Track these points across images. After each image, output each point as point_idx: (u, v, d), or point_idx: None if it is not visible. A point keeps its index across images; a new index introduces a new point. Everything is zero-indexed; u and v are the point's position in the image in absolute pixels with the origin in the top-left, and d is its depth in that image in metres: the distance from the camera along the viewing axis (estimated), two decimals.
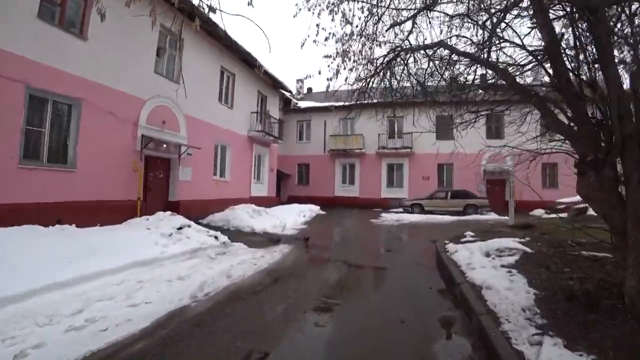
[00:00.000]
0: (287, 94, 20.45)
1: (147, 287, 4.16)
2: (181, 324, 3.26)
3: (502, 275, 4.06)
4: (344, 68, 6.45)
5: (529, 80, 5.14)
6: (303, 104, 23.50)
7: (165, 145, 9.80)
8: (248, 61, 14.16)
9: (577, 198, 15.56)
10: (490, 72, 4.74)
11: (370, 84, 6.49)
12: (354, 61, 6.52)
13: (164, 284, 4.33)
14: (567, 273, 3.88)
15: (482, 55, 4.08)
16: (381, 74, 6.36)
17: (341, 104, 7.76)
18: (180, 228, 6.50)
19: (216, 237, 6.61)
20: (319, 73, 6.20)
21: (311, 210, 14.82)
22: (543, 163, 5.26)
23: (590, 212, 11.20)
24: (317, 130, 22.75)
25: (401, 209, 17.37)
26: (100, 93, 8.00)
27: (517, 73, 4.68)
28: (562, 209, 14.66)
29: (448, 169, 20.26)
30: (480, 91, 6.32)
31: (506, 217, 14.38)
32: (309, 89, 27.59)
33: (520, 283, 3.73)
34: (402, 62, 6.26)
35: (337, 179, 22.31)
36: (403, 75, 6.43)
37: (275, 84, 17.31)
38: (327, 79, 5.71)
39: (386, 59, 6.11)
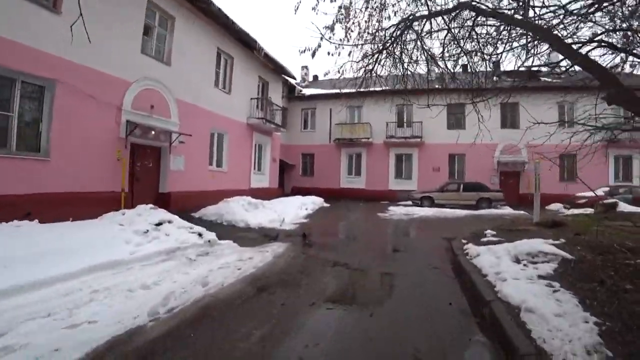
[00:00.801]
0: (291, 80, 19.45)
1: (99, 299, 3.39)
2: (124, 357, 2.47)
3: (543, 291, 3.18)
4: (347, 40, 5.58)
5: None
6: (308, 91, 22.46)
7: (153, 132, 9.02)
8: (247, 43, 13.23)
9: (600, 192, 14.52)
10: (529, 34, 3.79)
11: (378, 60, 5.62)
12: (358, 33, 5.64)
13: (123, 294, 3.55)
14: (630, 292, 2.99)
15: (524, 8, 3.15)
16: (390, 48, 5.47)
17: (347, 91, 6.88)
18: (159, 224, 5.71)
19: (200, 235, 5.80)
20: (319, 46, 5.34)
21: (314, 202, 13.97)
22: (560, 154, 4.65)
23: (621, 208, 10.20)
24: (323, 119, 21.75)
25: (410, 202, 16.45)
26: (77, 74, 7.20)
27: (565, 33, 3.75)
28: (583, 204, 13.64)
29: (460, 160, 19.22)
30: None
31: (522, 212, 13.43)
32: (315, 77, 26.55)
33: (571, 304, 2.85)
34: (415, 34, 5.36)
35: (342, 170, 21.38)
36: (415, 50, 5.56)
37: (277, 69, 16.33)
38: (329, 52, 4.84)
39: (397, 29, 5.20)
